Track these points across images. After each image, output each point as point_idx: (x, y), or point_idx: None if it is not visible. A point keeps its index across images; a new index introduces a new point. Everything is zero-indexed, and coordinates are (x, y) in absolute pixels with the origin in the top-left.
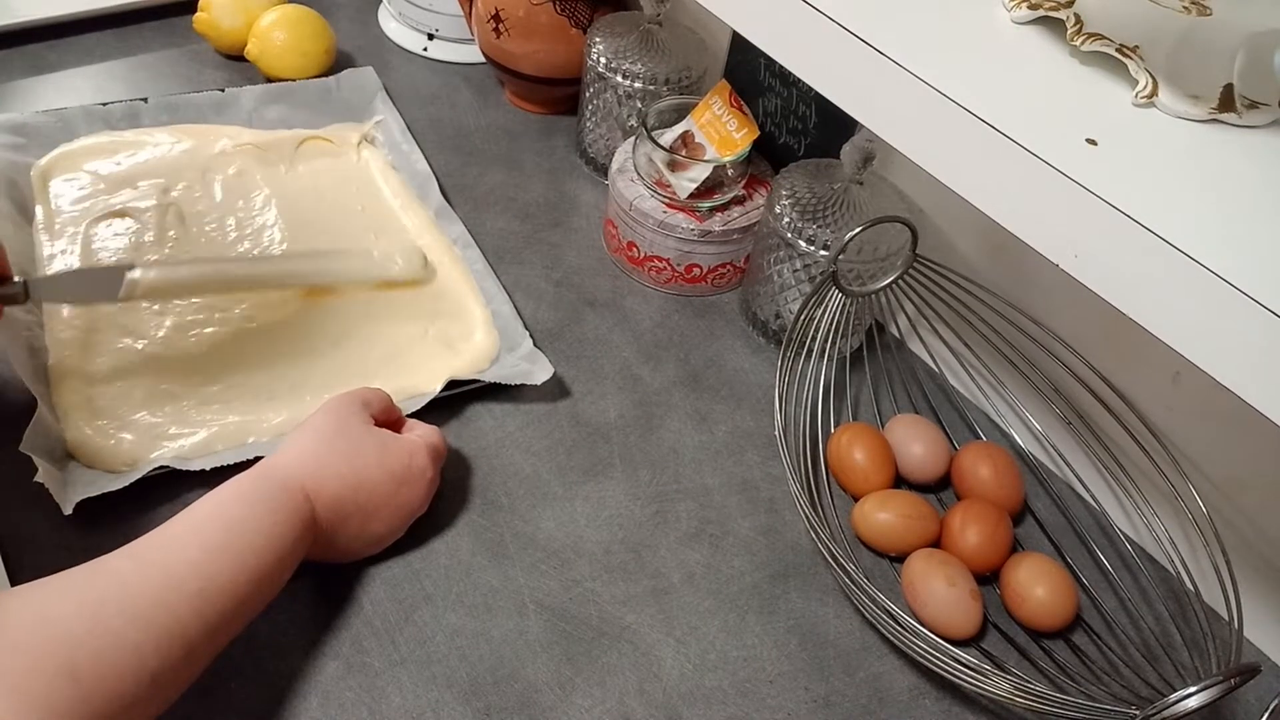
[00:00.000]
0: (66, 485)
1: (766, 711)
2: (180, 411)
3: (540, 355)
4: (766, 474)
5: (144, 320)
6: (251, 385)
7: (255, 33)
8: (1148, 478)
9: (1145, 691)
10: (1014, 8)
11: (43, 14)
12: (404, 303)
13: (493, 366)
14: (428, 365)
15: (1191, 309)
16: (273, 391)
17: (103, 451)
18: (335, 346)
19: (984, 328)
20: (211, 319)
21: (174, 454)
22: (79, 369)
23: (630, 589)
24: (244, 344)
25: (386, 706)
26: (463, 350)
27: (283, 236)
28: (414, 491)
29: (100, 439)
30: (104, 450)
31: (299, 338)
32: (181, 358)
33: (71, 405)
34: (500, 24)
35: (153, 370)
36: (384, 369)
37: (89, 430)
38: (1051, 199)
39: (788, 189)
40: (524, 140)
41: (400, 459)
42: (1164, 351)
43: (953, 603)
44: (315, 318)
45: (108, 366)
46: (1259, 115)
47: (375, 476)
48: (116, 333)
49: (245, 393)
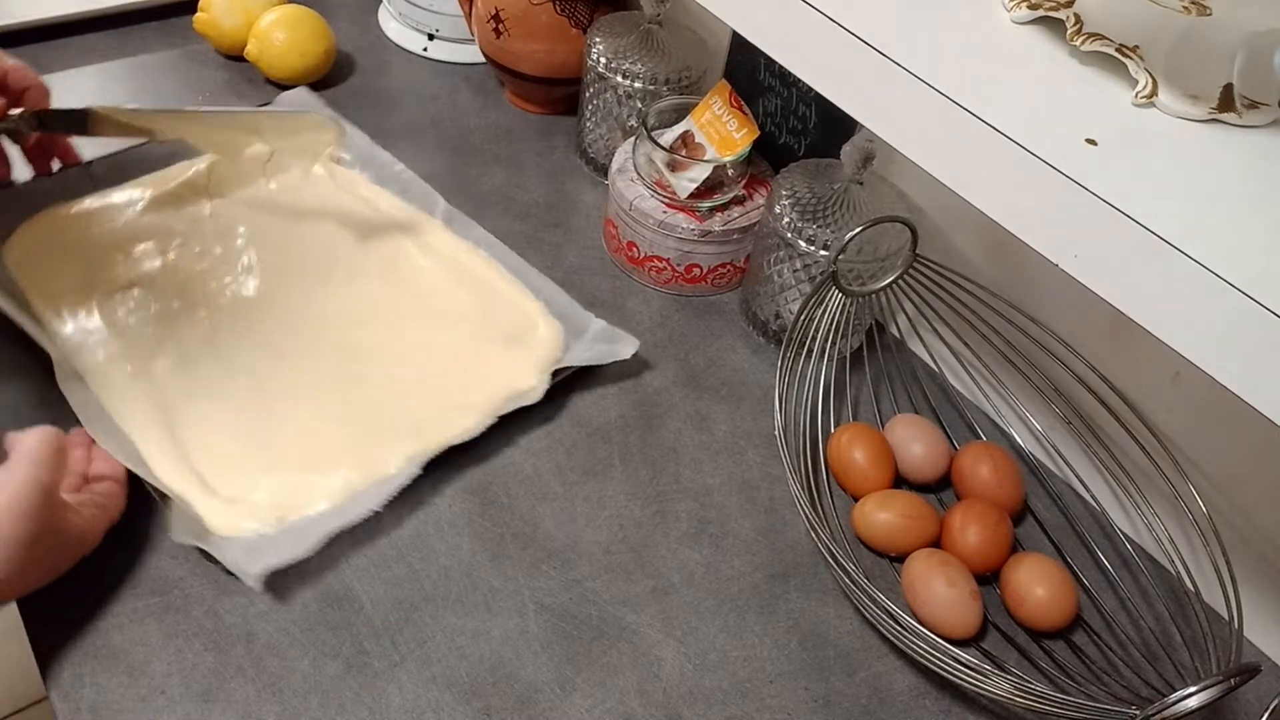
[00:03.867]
0: (247, 559)
1: (766, 711)
2: (289, 468)
3: (619, 331)
4: (766, 474)
5: (223, 384)
6: (359, 434)
7: (255, 33)
8: (1148, 478)
9: (1145, 691)
10: (1014, 8)
11: (43, 14)
12: (455, 315)
13: (571, 351)
14: (508, 366)
15: (1191, 309)
16: (387, 434)
17: (242, 519)
18: (421, 380)
19: (984, 328)
20: (284, 384)
21: (330, 509)
22: (174, 448)
23: (630, 589)
24: (325, 401)
25: (386, 706)
26: (532, 343)
27: (298, 280)
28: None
29: (235, 508)
30: (243, 518)
31: (380, 384)
32: (269, 416)
33: (184, 483)
34: (500, 24)
35: (245, 432)
36: (472, 381)
37: (217, 502)
38: (1051, 199)
39: (788, 189)
40: (524, 140)
41: (63, 544)
42: (1164, 351)
43: (953, 603)
44: (384, 361)
45: (198, 436)
46: (1259, 115)
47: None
48: (199, 401)
49: (359, 442)
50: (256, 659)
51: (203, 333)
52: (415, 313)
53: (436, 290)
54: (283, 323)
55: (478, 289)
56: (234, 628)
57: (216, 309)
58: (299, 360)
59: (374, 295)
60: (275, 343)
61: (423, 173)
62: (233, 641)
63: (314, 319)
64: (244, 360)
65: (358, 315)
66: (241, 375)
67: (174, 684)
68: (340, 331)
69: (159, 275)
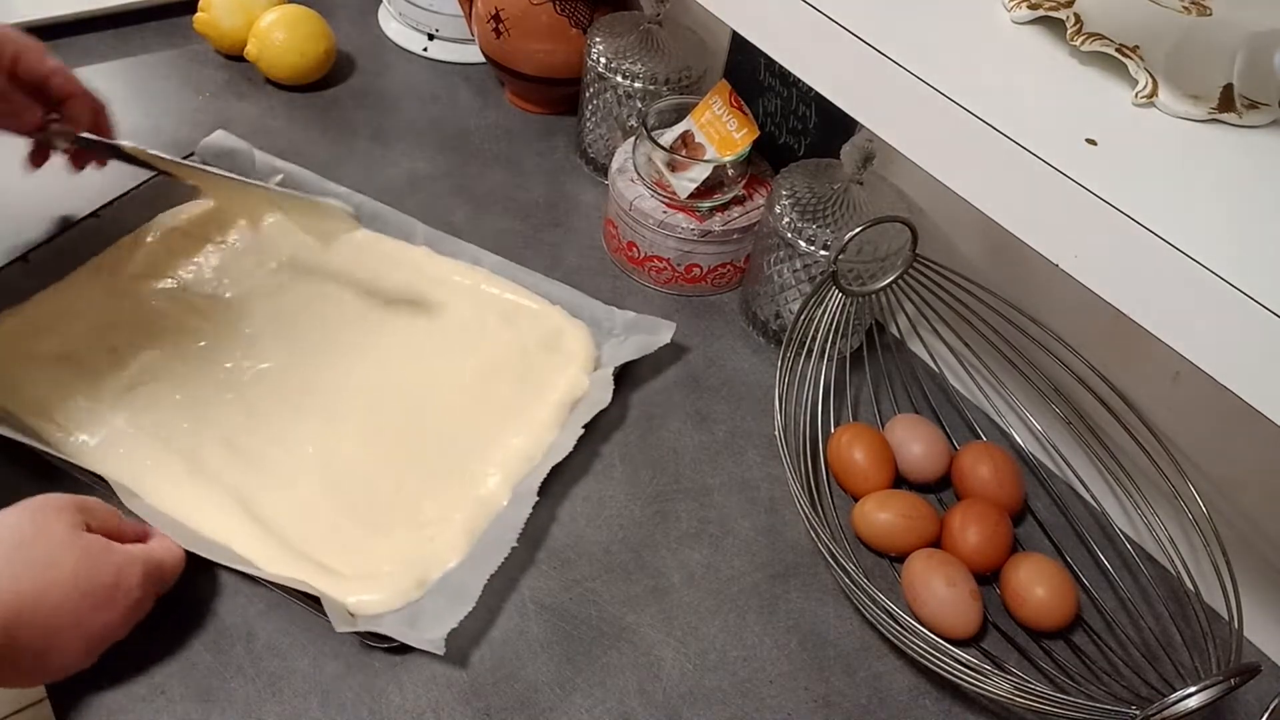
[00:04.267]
0: (418, 630)
1: (766, 711)
2: (395, 529)
3: (648, 317)
4: (766, 474)
5: (287, 462)
6: (443, 478)
7: (255, 33)
8: (1148, 478)
9: (1145, 691)
10: (1014, 8)
11: (43, 14)
12: (481, 344)
13: (607, 347)
14: (554, 376)
15: (1191, 309)
16: (473, 470)
17: (386, 594)
18: (477, 408)
19: (984, 328)
20: (348, 448)
21: (465, 558)
22: (272, 538)
23: (630, 589)
24: (395, 455)
25: (386, 706)
26: (567, 347)
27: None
28: (110, 616)
29: (373, 583)
30: (386, 593)
31: (439, 423)
32: (348, 483)
33: (305, 573)
34: (500, 24)
35: (333, 505)
36: (532, 399)
37: (350, 582)
38: (1051, 199)
39: (788, 189)
40: (524, 140)
41: (105, 574)
42: (1164, 351)
43: (953, 603)
44: (433, 401)
45: (289, 520)
46: (1259, 115)
47: (64, 593)
48: (270, 485)
49: (448, 485)
50: (256, 659)
51: (240, 415)
52: (443, 346)
53: (455, 319)
54: (318, 388)
55: (494, 308)
56: (234, 628)
57: (242, 387)
58: (352, 421)
59: (396, 339)
60: (320, 408)
61: (422, 172)
62: (233, 641)
63: (348, 378)
64: (297, 433)
65: (388, 363)
66: (301, 449)
67: (174, 684)
68: (378, 384)
69: (163, 364)
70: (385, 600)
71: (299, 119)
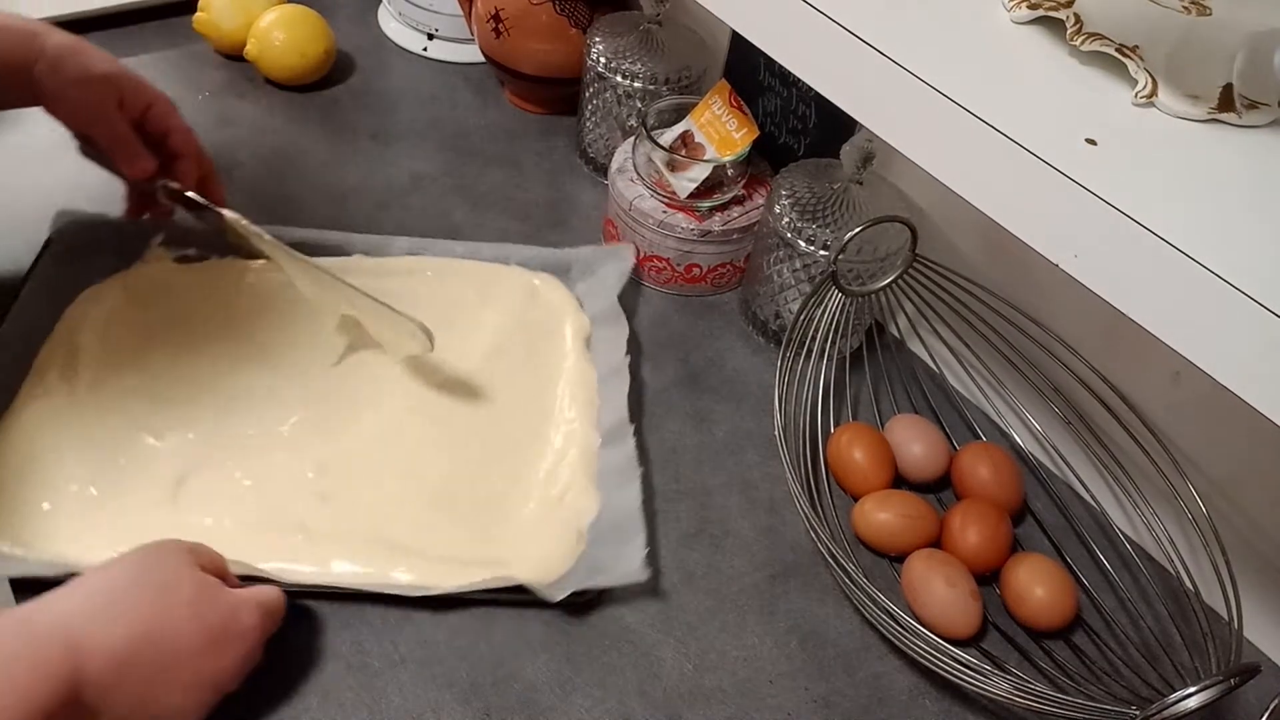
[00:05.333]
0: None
1: (766, 711)
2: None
3: (605, 248)
4: (766, 474)
5: (386, 486)
6: (533, 449)
7: (255, 33)
8: (1148, 478)
9: (1145, 691)
10: (1014, 8)
11: (42, 14)
12: (471, 321)
13: (582, 287)
14: (555, 326)
15: (1191, 309)
16: (554, 436)
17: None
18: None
19: (984, 328)
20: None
21: (603, 507)
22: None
23: (630, 589)
24: (484, 455)
25: (386, 706)
26: (548, 299)
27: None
28: (229, 654)
29: (547, 553)
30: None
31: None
32: (452, 484)
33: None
34: (500, 24)
35: (445, 512)
36: (551, 353)
37: (528, 563)
38: (1051, 199)
39: (788, 189)
40: (524, 140)
41: (221, 611)
42: (1164, 351)
43: (953, 603)
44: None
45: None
46: (1259, 115)
47: (181, 628)
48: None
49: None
50: None
51: (306, 469)
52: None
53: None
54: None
55: (468, 284)
56: None
57: (286, 444)
58: (408, 441)
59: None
60: (371, 440)
61: (422, 172)
62: None
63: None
64: (369, 470)
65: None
66: (384, 481)
67: None
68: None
69: (200, 449)
70: (563, 560)
71: (299, 119)
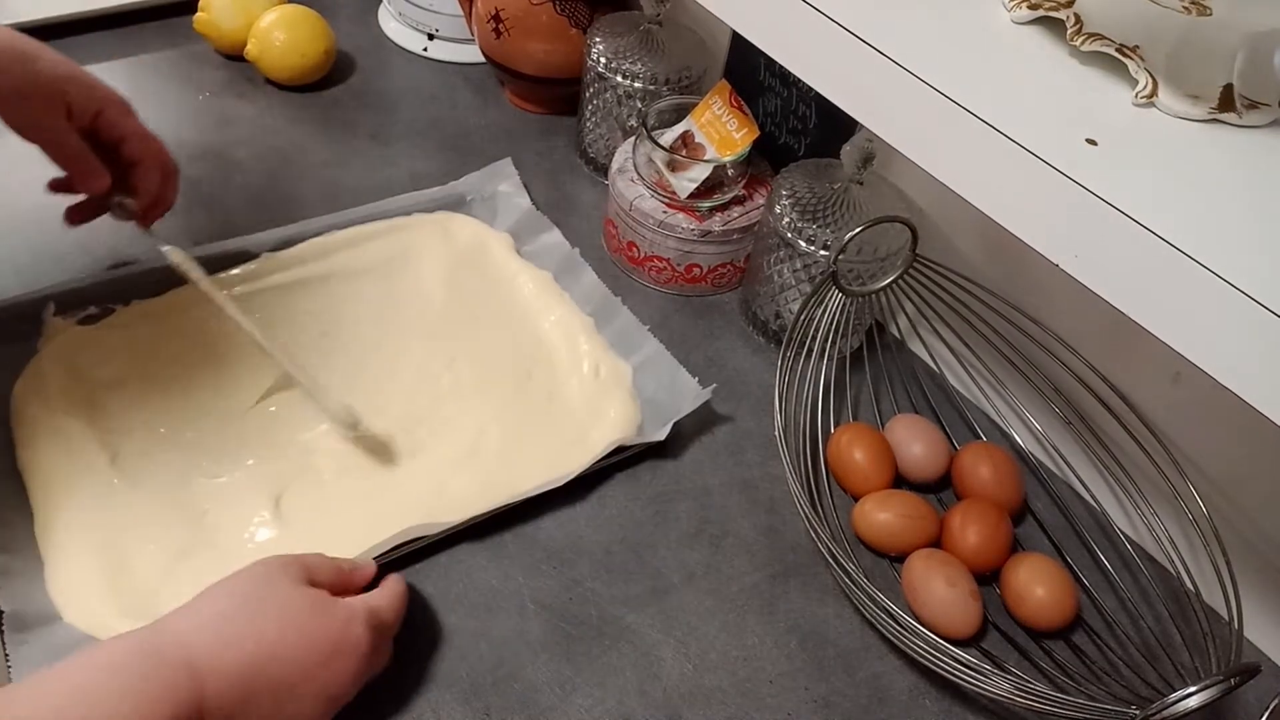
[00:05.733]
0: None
1: (766, 711)
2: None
3: (490, 167)
4: (766, 474)
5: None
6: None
7: (255, 33)
8: (1148, 478)
9: (1145, 691)
10: (1014, 8)
11: (43, 14)
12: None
13: (500, 219)
14: (498, 260)
15: (1191, 309)
16: (574, 360)
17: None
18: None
19: (984, 328)
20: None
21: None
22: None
23: (630, 589)
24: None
25: (387, 706)
26: (465, 234)
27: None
28: (343, 666)
29: (613, 415)
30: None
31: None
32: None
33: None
34: (500, 24)
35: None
36: (511, 287)
37: (602, 430)
38: (1051, 199)
39: (788, 189)
40: (524, 140)
41: (333, 625)
42: (1164, 351)
43: (953, 603)
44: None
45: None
46: (1259, 115)
47: (296, 645)
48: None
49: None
50: None
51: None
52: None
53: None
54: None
55: (393, 246)
56: None
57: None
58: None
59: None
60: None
61: (422, 172)
62: None
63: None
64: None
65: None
66: (451, 435)
67: None
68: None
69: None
70: (635, 415)
71: (299, 119)
